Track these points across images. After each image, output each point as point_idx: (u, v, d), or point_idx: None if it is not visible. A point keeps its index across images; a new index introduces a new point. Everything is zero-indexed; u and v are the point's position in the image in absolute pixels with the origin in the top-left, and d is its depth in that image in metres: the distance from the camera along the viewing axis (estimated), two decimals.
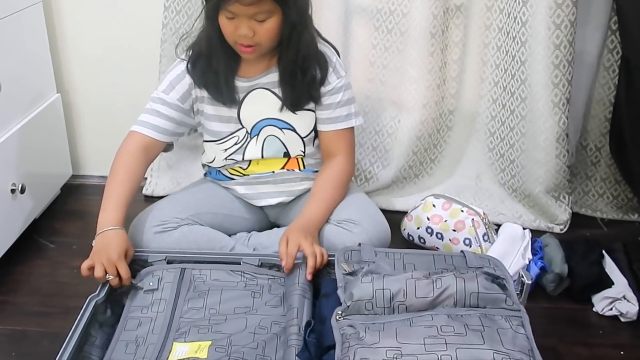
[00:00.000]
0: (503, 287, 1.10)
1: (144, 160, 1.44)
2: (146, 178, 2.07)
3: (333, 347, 1.03)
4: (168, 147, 1.57)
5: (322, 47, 1.46)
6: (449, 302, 1.06)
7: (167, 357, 1.12)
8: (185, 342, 1.15)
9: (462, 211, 1.70)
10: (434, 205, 1.74)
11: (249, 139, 1.51)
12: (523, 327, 1.02)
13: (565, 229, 1.89)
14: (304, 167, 1.55)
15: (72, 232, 1.86)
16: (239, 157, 1.53)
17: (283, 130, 1.50)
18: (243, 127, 1.51)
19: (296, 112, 1.48)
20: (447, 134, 1.99)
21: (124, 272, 1.23)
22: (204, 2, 1.35)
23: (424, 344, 0.97)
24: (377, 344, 0.99)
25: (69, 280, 1.63)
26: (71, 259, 1.71)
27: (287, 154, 1.53)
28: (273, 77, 1.46)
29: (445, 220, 1.71)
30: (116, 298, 1.27)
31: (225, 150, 1.53)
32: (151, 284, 1.26)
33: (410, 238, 1.80)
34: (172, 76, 1.47)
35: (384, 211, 1.55)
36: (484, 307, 1.06)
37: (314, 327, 1.11)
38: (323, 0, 1.82)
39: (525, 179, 1.88)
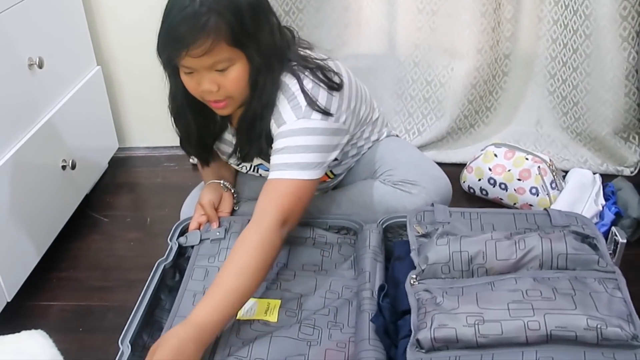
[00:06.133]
0: (594, 247, 1.02)
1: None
2: None
3: (408, 311, 0.98)
4: None
5: (286, 79, 1.19)
6: (533, 264, 0.99)
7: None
8: (252, 297, 1.12)
9: (527, 159, 1.61)
10: (495, 155, 1.66)
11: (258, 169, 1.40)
12: (619, 290, 0.94)
13: (635, 171, 1.80)
14: (334, 175, 1.43)
15: (124, 205, 1.85)
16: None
17: None
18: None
19: None
20: (503, 79, 1.90)
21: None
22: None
23: (508, 309, 0.90)
24: (457, 309, 0.93)
25: (126, 254, 1.62)
26: (127, 232, 1.71)
27: None
28: None
29: (509, 170, 1.63)
30: (184, 263, 1.26)
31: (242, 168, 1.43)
32: (218, 233, 1.26)
33: (471, 191, 1.72)
34: None
35: (439, 165, 1.46)
36: (574, 269, 0.99)
37: (387, 291, 1.06)
38: None
39: (591, 121, 1.79)
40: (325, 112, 1.17)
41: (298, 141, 1.16)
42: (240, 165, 1.38)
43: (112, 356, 1.00)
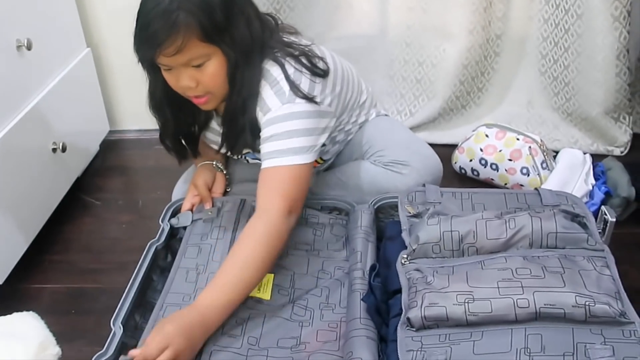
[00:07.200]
0: (584, 226, 1.03)
1: None
2: None
3: (399, 291, 0.99)
4: None
5: (268, 66, 1.17)
6: (523, 243, 0.99)
7: None
8: None
9: (517, 139, 1.62)
10: (486, 135, 1.66)
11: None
12: (608, 268, 0.95)
13: (625, 151, 1.81)
14: (323, 160, 1.43)
15: (115, 187, 1.85)
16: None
17: None
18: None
19: None
20: (494, 60, 1.89)
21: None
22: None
23: (498, 287, 0.91)
24: (447, 288, 0.94)
25: (119, 236, 1.62)
26: (118, 215, 1.70)
27: None
28: None
29: (500, 150, 1.63)
30: (175, 244, 1.26)
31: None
32: (210, 213, 1.26)
33: (463, 171, 1.73)
34: None
35: (431, 145, 1.46)
36: (563, 248, 0.99)
37: (379, 271, 1.07)
38: None
39: (582, 102, 1.79)
40: (309, 98, 1.16)
41: (286, 127, 1.14)
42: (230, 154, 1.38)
43: (104, 338, 1.01)
